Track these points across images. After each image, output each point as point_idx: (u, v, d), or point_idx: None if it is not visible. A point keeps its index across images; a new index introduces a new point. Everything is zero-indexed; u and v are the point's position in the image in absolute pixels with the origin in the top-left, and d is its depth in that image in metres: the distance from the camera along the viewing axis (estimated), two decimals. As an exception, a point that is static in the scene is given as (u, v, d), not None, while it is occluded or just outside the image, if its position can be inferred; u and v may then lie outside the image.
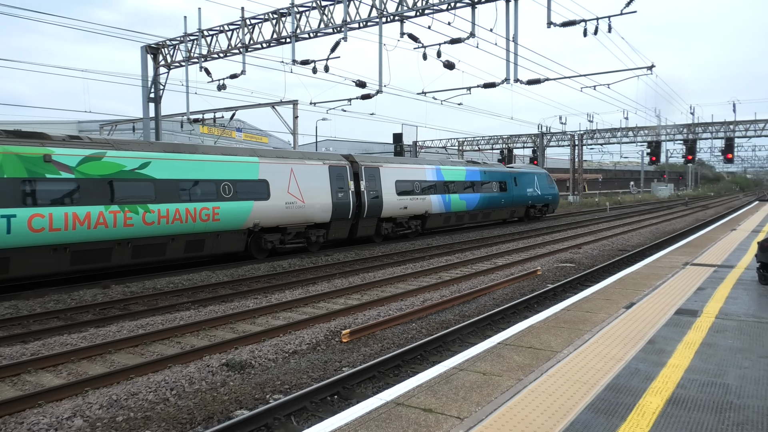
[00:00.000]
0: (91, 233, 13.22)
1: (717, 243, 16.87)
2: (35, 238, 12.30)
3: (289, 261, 18.12)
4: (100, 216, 13.39)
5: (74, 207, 12.95)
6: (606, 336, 6.81)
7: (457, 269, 17.06)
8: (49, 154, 12.89)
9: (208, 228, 15.70)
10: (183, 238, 15.19)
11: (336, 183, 20.02)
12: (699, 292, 9.43)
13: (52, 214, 12.55)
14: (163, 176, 14.80)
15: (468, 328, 9.89)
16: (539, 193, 34.78)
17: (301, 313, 11.54)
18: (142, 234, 14.25)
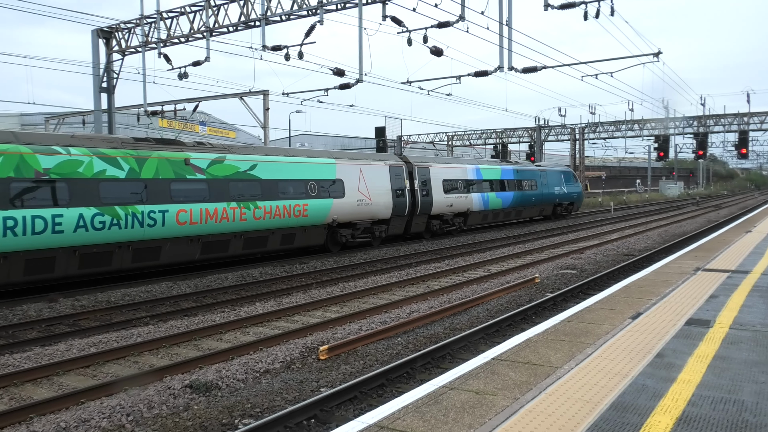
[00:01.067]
0: (217, 226, 17.04)
1: (731, 246, 17.12)
2: (180, 230, 16.09)
3: (260, 270, 18.06)
4: (224, 211, 17.20)
5: (206, 203, 16.74)
6: (610, 349, 6.87)
7: (446, 277, 17.12)
8: (188, 158, 16.70)
9: (298, 223, 19.56)
10: (280, 232, 19.09)
11: (395, 182, 23.87)
12: (711, 300, 9.56)
13: (192, 209, 16.34)
14: (266, 177, 18.64)
15: (459, 342, 9.92)
16: (565, 191, 38.64)
17: (274, 328, 11.50)
18: (251, 228, 18.06)
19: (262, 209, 18.20)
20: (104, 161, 14.93)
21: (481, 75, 24.43)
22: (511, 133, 60.49)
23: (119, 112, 35.42)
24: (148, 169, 15.78)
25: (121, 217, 14.90)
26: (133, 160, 15.62)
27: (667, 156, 52.90)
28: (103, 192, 14.70)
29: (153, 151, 16.19)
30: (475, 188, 29.26)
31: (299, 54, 21.52)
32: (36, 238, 13.41)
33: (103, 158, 14.94)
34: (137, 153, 15.82)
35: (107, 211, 14.66)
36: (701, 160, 72.02)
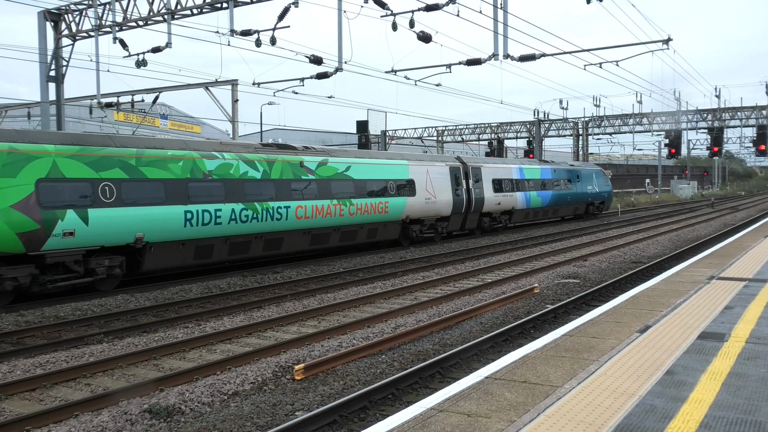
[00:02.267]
0: (323, 221, 21.19)
1: (748, 252, 17.35)
2: (297, 223, 20.24)
3: (227, 280, 18.02)
4: (328, 207, 21.36)
5: (315, 201, 20.91)
6: (616, 366, 6.95)
7: (436, 288, 17.17)
8: (302, 161, 20.98)
9: (380, 219, 23.96)
10: (367, 227, 23.52)
11: (454, 182, 28.34)
12: (726, 311, 9.69)
13: (306, 205, 20.45)
14: (358, 177, 23.07)
15: (450, 359, 9.96)
16: (597, 190, 43.38)
17: (244, 345, 11.47)
18: (347, 222, 22.28)
19: (355, 206, 22.66)
20: (246, 164, 19.20)
21: (474, 63, 24.57)
22: (507, 128, 60.80)
23: (69, 104, 35.13)
24: (275, 170, 20.10)
25: (259, 212, 19.13)
26: (265, 162, 19.87)
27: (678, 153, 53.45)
28: (247, 190, 18.97)
29: (278, 155, 20.55)
30: (519, 187, 33.74)
31: (272, 39, 21.50)
32: (203, 229, 17.64)
33: (245, 161, 19.23)
34: (267, 156, 20.08)
35: (249, 206, 18.87)
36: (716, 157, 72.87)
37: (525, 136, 60.01)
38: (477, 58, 24.49)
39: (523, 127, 60.10)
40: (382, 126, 58.39)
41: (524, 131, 60.00)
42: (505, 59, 23.11)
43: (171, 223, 16.84)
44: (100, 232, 15.41)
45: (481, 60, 24.36)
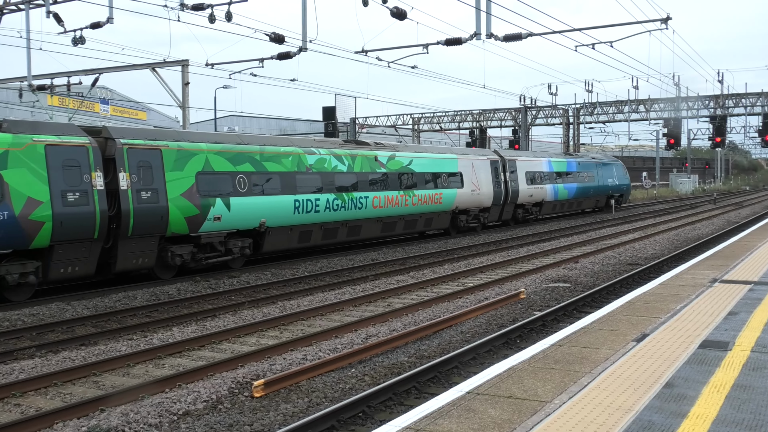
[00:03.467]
0: (392, 210, 25.86)
1: (753, 253, 17.65)
2: (373, 212, 24.73)
3: (177, 286, 17.88)
4: (396, 198, 26.02)
5: (387, 192, 25.55)
6: (610, 379, 7.02)
7: (412, 293, 17.20)
8: (376, 156, 25.73)
9: (435, 209, 28.67)
10: (424, 216, 28.21)
11: (494, 174, 33.21)
12: (730, 318, 9.84)
13: (380, 196, 24.97)
14: (418, 170, 27.79)
15: (427, 372, 9.99)
16: (617, 183, 48.56)
17: (196, 359, 11.39)
18: (409, 212, 26.98)
19: (417, 197, 27.32)
20: (336, 159, 23.71)
21: (454, 43, 24.64)
22: (490, 116, 61.10)
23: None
24: (357, 164, 24.62)
25: (346, 201, 23.58)
26: (349, 157, 24.42)
27: (678, 144, 54.17)
28: (337, 182, 23.45)
29: (358, 150, 25.26)
30: (548, 180, 38.73)
31: (227, 15, 21.34)
32: (306, 216, 22.06)
33: (335, 156, 23.74)
34: (351, 152, 24.67)
35: (339, 196, 23.32)
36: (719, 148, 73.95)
37: (510, 125, 60.34)
38: (457, 38, 24.57)
39: (508, 114, 60.43)
40: (352, 113, 58.27)
41: (509, 119, 60.34)
42: (489, 39, 23.21)
43: (284, 211, 21.39)
44: (238, 218, 19.96)
45: (461, 39, 24.43)
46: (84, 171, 16.38)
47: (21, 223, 15.07)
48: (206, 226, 19.01)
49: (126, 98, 63.01)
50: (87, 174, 16.40)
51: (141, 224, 17.35)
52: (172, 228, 18.15)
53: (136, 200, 17.29)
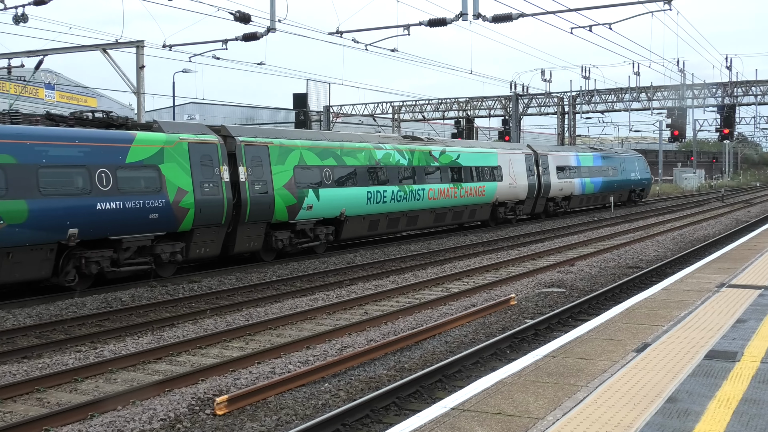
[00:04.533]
0: (443, 201, 29.97)
1: (764, 254, 17.83)
2: (428, 203, 28.91)
3: (131, 292, 17.77)
4: (446, 190, 30.07)
5: (439, 184, 29.66)
6: (608, 393, 7.06)
7: (392, 299, 17.21)
8: (430, 150, 29.84)
9: (478, 201, 32.90)
10: (469, 208, 32.57)
11: (528, 168, 37.61)
12: (738, 325, 9.94)
13: (433, 188, 29.05)
14: (465, 164, 31.99)
15: (408, 387, 10.00)
16: (639, 177, 53.42)
17: (151, 373, 11.33)
18: (457, 204, 31.18)
19: (464, 189, 31.55)
20: (398, 153, 27.92)
21: (438, 24, 24.67)
22: (478, 104, 61.27)
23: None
24: (415, 158, 28.81)
25: (407, 193, 27.70)
26: (409, 152, 28.60)
27: (683, 136, 54.65)
28: (400, 175, 27.66)
29: (416, 145, 29.60)
30: (575, 174, 43.05)
31: (187, -9, 21.23)
32: (375, 206, 26.13)
33: (398, 151, 27.99)
34: (409, 147, 28.93)
35: (401, 188, 27.46)
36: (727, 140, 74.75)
37: (500, 114, 60.56)
38: (441, 18, 24.60)
39: (497, 102, 60.62)
40: (325, 100, 58.26)
41: (499, 108, 60.53)
42: (476, 20, 23.26)
43: (360, 201, 25.42)
44: (325, 207, 23.94)
45: (446, 20, 24.47)
46: (215, 165, 20.31)
47: (173, 210, 18.98)
48: (301, 214, 23.13)
49: (74, 83, 62.43)
50: (217, 168, 20.34)
51: (255, 212, 21.41)
52: (276, 215, 22.19)
53: (251, 191, 21.29)
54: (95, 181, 17.32)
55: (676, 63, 51.33)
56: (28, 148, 16.35)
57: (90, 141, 17.67)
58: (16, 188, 15.85)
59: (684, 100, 55.21)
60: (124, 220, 17.85)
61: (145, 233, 18.49)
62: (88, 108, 59.53)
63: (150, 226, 18.48)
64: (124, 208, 17.81)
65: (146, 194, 18.34)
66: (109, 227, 17.61)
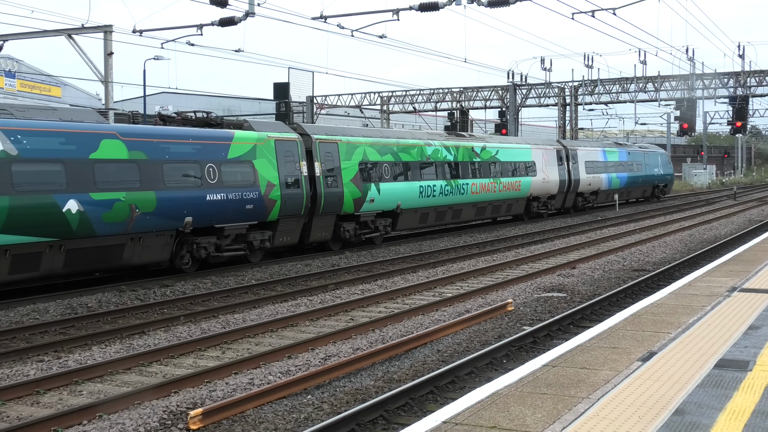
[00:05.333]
0: (484, 196, 33.53)
1: (778, 256, 17.94)
2: (471, 198, 32.46)
3: (98, 297, 17.74)
4: (487, 185, 33.68)
5: (480, 179, 33.29)
6: (611, 405, 7.09)
7: (380, 305, 17.22)
8: (473, 146, 33.56)
9: (515, 195, 36.65)
10: (506, 202, 36.27)
11: (560, 163, 41.45)
12: (751, 332, 9.99)
13: (475, 183, 32.68)
14: (503, 159, 35.74)
15: (397, 399, 10.00)
16: (662, 173, 57.50)
17: (120, 384, 11.30)
18: (496, 198, 34.92)
19: (502, 184, 35.27)
20: (445, 149, 31.64)
21: (429, 9, 24.72)
22: (473, 94, 61.39)
23: None
24: (459, 154, 32.59)
25: (453, 188, 31.32)
26: (454, 148, 32.37)
27: (692, 129, 54.87)
28: (447, 170, 31.38)
29: (460, 141, 33.42)
30: (602, 169, 46.93)
31: (159, -28, 21.18)
32: (426, 200, 29.77)
33: (445, 147, 31.71)
34: (455, 143, 32.70)
35: (448, 183, 31.12)
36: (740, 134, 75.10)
37: (496, 105, 60.66)
38: (433, 2, 24.65)
39: (493, 93, 60.75)
40: (308, 90, 58.15)
41: (495, 99, 60.66)
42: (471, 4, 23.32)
43: (413, 195, 29.13)
44: (384, 200, 27.68)
45: (438, 4, 24.52)
46: (296, 161, 23.74)
47: (264, 201, 22.39)
48: (365, 207, 26.72)
49: (36, 71, 62.18)
50: (297, 163, 23.77)
51: (328, 204, 24.95)
52: (345, 208, 25.78)
53: (325, 184, 24.81)
54: (205, 174, 20.84)
55: (685, 51, 51.63)
56: (155, 146, 19.77)
57: (200, 139, 21.20)
58: (147, 181, 19.28)
59: (693, 91, 55.46)
60: (226, 210, 21.35)
61: (242, 222, 21.96)
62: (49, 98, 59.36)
63: (246, 215, 21.97)
64: (227, 200, 21.31)
65: (243, 187, 21.83)
66: (215, 216, 21.09)
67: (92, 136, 18.56)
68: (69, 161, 17.84)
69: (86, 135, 18.47)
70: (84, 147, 18.25)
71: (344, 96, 62.97)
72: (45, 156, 17.52)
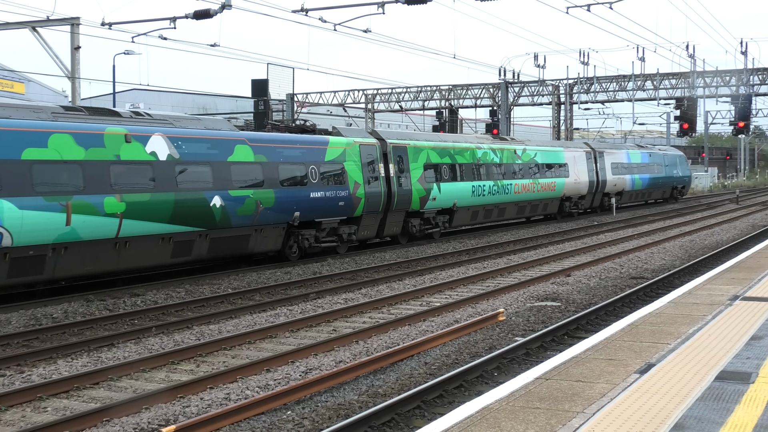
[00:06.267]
0: (524, 195, 38.69)
1: (782, 263, 18.04)
2: (514, 197, 37.91)
3: (63, 307, 17.64)
4: (527, 185, 38.74)
5: (522, 180, 38.38)
6: (608, 420, 7.11)
7: (364, 315, 17.21)
8: (515, 149, 38.96)
9: (550, 195, 41.41)
10: (543, 201, 41.19)
11: (589, 165, 46.14)
12: (753, 343, 10.04)
13: (517, 183, 37.79)
14: (541, 161, 40.60)
15: (382, 415, 10.00)
16: (680, 175, 62.96)
17: (88, 400, 11.24)
18: (535, 197, 39.93)
19: (540, 184, 40.15)
20: (492, 152, 36.26)
21: (417, 2, 24.78)
22: (462, 92, 61.47)
23: None
24: (504, 156, 37.25)
25: (499, 188, 35.78)
26: (500, 151, 36.99)
27: (693, 129, 55.19)
28: (494, 172, 35.78)
29: (504, 144, 38.46)
30: (626, 171, 51.85)
31: (129, -38, 21.14)
32: (477, 198, 34.07)
33: (492, 150, 36.33)
34: (500, 146, 37.57)
35: (495, 183, 35.49)
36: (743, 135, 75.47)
37: (487, 104, 60.76)
38: (421, -5, 24.67)
39: (484, 91, 60.86)
40: (289, 87, 58.15)
41: (486, 97, 60.76)
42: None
43: (467, 194, 33.64)
44: (444, 199, 32.12)
45: (426, -3, 24.54)
46: (375, 163, 28.36)
47: (352, 199, 26.88)
48: (428, 204, 31.23)
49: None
50: (377, 165, 28.40)
51: (400, 202, 29.39)
52: (413, 205, 30.27)
53: (397, 184, 29.14)
54: (309, 175, 25.26)
55: (686, 48, 51.94)
56: (273, 150, 24.27)
57: (304, 144, 25.85)
58: (267, 180, 23.66)
59: (694, 90, 55.74)
60: (325, 206, 25.82)
61: (335, 217, 26.54)
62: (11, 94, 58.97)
63: (338, 211, 26.50)
64: (325, 197, 25.80)
65: (337, 186, 26.31)
66: (316, 212, 25.55)
67: (229, 141, 22.92)
68: (214, 163, 22.14)
69: (225, 141, 22.83)
70: (224, 151, 22.56)
71: (326, 94, 62.98)
72: (197, 159, 21.72)
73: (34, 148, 17.98)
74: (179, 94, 74.07)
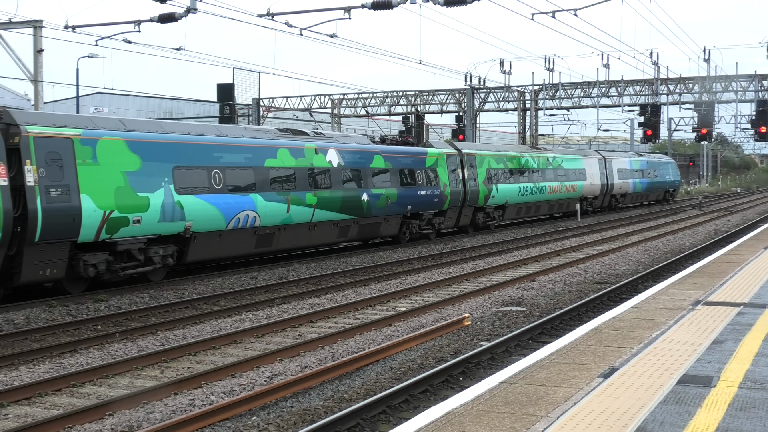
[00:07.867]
0: (554, 195, 47.48)
1: (744, 268, 18.26)
2: (547, 197, 46.58)
3: (25, 312, 17.46)
4: (557, 187, 47.40)
5: (552, 182, 46.96)
6: (571, 424, 7.16)
7: (330, 320, 17.20)
8: (547, 157, 47.95)
9: (571, 196, 49.87)
10: (564, 202, 49.81)
11: (600, 170, 53.45)
12: (715, 347, 10.17)
13: (549, 185, 46.49)
14: (566, 167, 49.38)
15: (347, 420, 10.01)
16: (672, 179, 72.40)
17: (49, 407, 11.16)
18: (561, 197, 48.67)
19: (566, 186, 47.53)
20: (531, 159, 44.52)
21: (383, 7, 24.81)
22: (429, 98, 61.63)
23: None
24: (539, 162, 45.10)
25: (537, 189, 44.11)
26: (536, 158, 45.08)
27: (657, 136, 55.80)
28: (534, 175, 44.23)
29: (539, 153, 47.09)
30: (629, 175, 59.43)
31: (94, -35, 21.01)
32: (522, 197, 42.72)
33: (531, 157, 44.58)
34: (536, 154, 45.86)
35: (535, 185, 43.90)
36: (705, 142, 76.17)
37: (453, 110, 60.93)
38: (387, 0, 24.74)
39: (450, 96, 61.06)
40: (255, 92, 57.96)
41: (452, 102, 60.96)
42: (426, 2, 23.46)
43: (515, 193, 41.21)
44: (500, 197, 39.54)
45: (392, 3, 24.62)
46: (456, 168, 35.93)
47: (442, 197, 34.31)
48: (489, 201, 38.63)
49: (-40, 70, 61.11)
50: (458, 170, 36.02)
51: (471, 199, 36.89)
52: (479, 202, 37.83)
53: (470, 185, 36.65)
54: (416, 178, 32.78)
55: (649, 54, 52.37)
56: (395, 159, 31.88)
57: (413, 154, 33.75)
58: (393, 182, 31.19)
59: (658, 96, 56.28)
60: (426, 201, 33.33)
61: (431, 210, 33.90)
62: None
63: (433, 206, 33.99)
64: (426, 195, 33.22)
65: (433, 186, 33.76)
66: (421, 206, 33.04)
67: (371, 153, 30.56)
68: (363, 169, 29.64)
69: (368, 152, 30.47)
70: (368, 160, 30.12)
71: (293, 98, 62.79)
72: (354, 166, 29.18)
73: (271, 159, 25.09)
74: (144, 98, 73.50)
